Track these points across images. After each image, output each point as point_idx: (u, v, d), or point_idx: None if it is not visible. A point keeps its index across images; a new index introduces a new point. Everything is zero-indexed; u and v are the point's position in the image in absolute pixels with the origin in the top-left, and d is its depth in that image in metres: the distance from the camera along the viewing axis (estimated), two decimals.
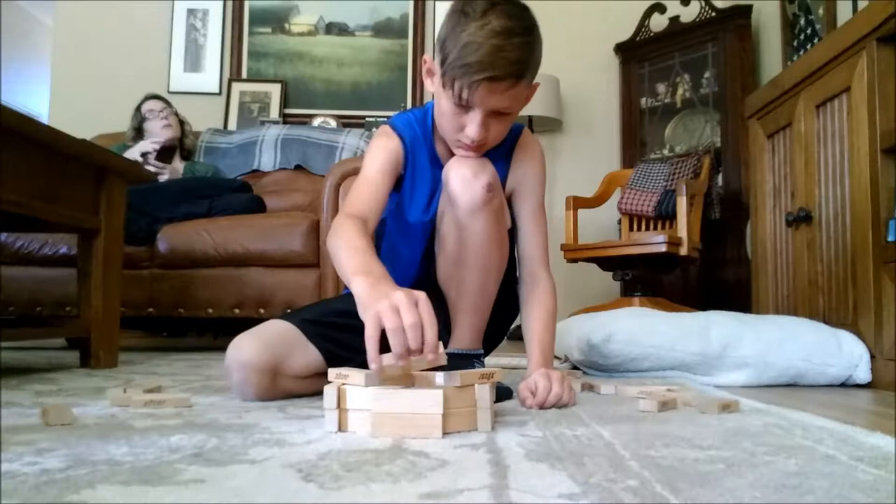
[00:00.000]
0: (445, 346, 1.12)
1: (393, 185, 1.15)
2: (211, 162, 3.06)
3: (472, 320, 1.10)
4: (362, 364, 0.88)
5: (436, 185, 1.16)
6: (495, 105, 1.00)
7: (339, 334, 1.14)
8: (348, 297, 1.28)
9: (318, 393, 1.13)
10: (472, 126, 1.01)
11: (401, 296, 0.78)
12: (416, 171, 1.18)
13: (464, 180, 1.02)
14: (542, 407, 1.00)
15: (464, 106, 1.00)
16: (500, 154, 1.16)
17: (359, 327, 1.16)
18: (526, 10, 1.00)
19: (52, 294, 2.36)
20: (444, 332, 1.14)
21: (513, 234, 1.20)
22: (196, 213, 2.50)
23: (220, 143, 3.13)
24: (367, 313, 0.80)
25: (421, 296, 0.80)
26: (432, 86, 1.06)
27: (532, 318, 1.15)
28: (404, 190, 1.19)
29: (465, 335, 1.11)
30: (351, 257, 0.93)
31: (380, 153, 1.14)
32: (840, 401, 1.28)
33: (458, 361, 1.07)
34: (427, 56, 1.07)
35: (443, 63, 1.00)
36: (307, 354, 1.11)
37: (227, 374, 1.08)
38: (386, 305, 0.78)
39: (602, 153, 3.63)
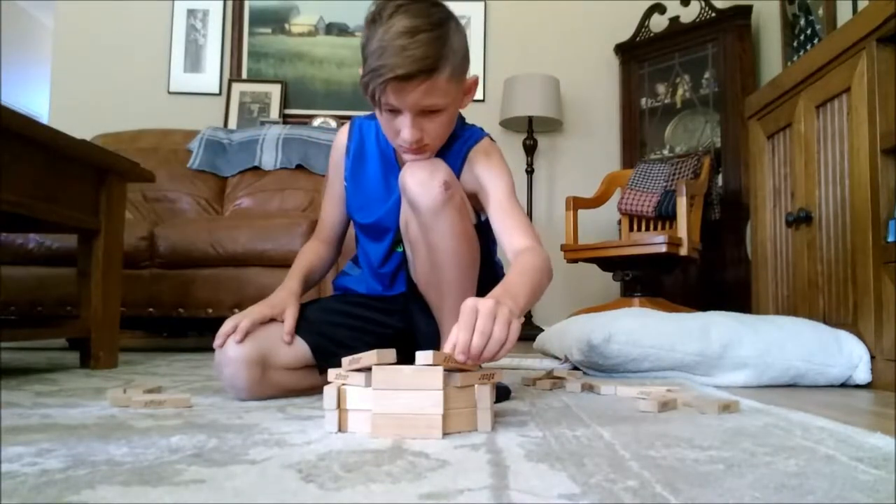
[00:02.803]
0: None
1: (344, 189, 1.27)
2: (211, 157, 3.05)
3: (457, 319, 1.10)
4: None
5: (387, 190, 1.19)
6: (416, 103, 0.99)
7: (326, 329, 1.17)
8: (338, 296, 1.30)
9: (312, 388, 1.14)
10: (405, 129, 1.02)
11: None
12: (357, 172, 1.23)
13: (420, 182, 1.02)
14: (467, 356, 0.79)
15: (391, 111, 1.01)
16: (456, 155, 1.14)
17: (348, 324, 1.19)
18: (435, 5, 1.01)
19: (52, 294, 2.36)
20: (434, 338, 1.14)
21: (486, 231, 1.17)
22: None
23: (221, 138, 3.13)
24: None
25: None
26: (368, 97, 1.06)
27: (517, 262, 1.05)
28: (347, 190, 1.25)
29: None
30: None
31: (332, 167, 1.29)
32: (840, 401, 1.28)
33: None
34: (361, 69, 1.05)
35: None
36: (294, 346, 1.13)
37: (217, 372, 1.09)
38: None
39: (602, 153, 3.63)
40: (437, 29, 0.97)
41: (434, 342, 1.14)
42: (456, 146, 1.15)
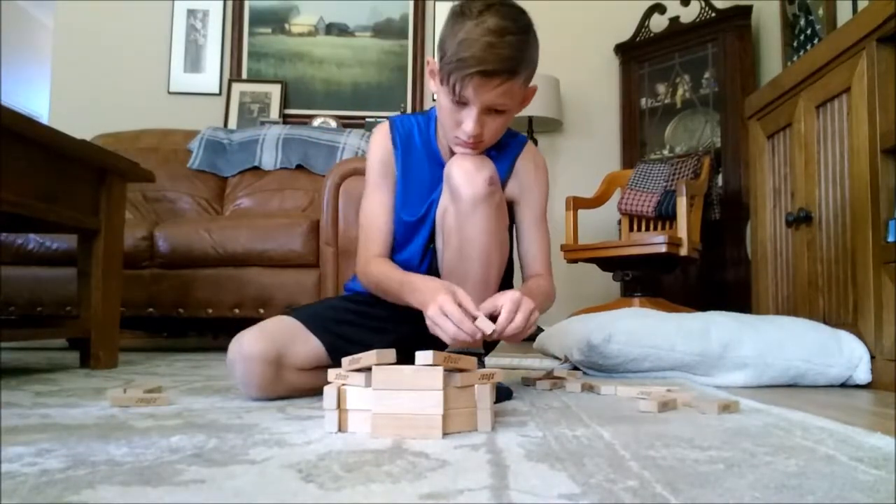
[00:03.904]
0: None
1: (395, 190, 1.22)
2: (211, 157, 3.05)
3: None
4: None
5: (433, 184, 1.18)
6: (489, 100, 1.03)
7: (340, 327, 1.17)
8: (349, 297, 1.30)
9: (320, 391, 1.14)
10: (469, 121, 1.04)
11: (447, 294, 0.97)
12: (407, 168, 1.21)
13: (466, 174, 1.05)
14: (499, 338, 0.98)
15: (460, 102, 1.04)
16: (503, 161, 1.19)
17: (359, 322, 1.20)
18: (522, 12, 1.05)
19: (52, 294, 2.36)
20: None
21: (511, 238, 1.22)
22: None
23: (220, 138, 3.13)
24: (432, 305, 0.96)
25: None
26: (435, 86, 1.10)
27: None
28: (398, 185, 1.22)
29: None
30: (400, 285, 1.08)
31: (376, 170, 1.22)
32: (840, 401, 1.28)
33: None
34: (430, 58, 1.11)
35: (441, 61, 1.04)
36: (309, 345, 1.12)
37: (230, 370, 1.08)
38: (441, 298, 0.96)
39: (602, 153, 3.63)
40: (523, 34, 1.02)
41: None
42: (503, 153, 1.20)
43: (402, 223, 1.22)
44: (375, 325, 1.22)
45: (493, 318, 0.96)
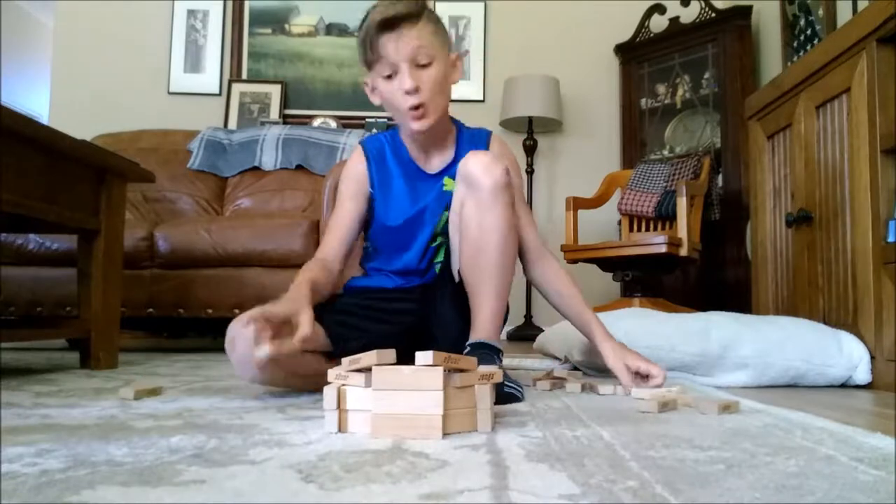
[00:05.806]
0: (465, 340, 1.14)
1: (365, 207, 1.31)
2: (211, 157, 3.05)
3: (493, 307, 1.12)
4: (365, 345, 0.90)
5: (415, 191, 1.28)
6: (409, 51, 1.13)
7: (342, 316, 1.20)
8: (350, 293, 1.31)
9: (316, 374, 1.13)
10: (404, 78, 1.14)
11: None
12: (384, 181, 1.30)
13: (484, 166, 1.11)
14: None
15: (389, 76, 1.15)
16: (478, 146, 1.28)
17: (359, 313, 1.23)
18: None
19: (52, 294, 2.36)
20: (465, 327, 1.16)
21: None
22: None
23: (220, 138, 3.13)
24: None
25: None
26: (375, 98, 1.22)
27: (563, 292, 1.29)
28: (376, 202, 1.30)
29: (487, 325, 1.12)
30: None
31: (348, 184, 1.31)
32: (840, 401, 1.28)
33: (482, 352, 1.08)
34: (366, 79, 1.22)
35: (363, 56, 1.18)
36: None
37: (229, 349, 1.05)
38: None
39: (602, 154, 3.63)
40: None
41: (452, 327, 1.18)
42: (467, 135, 1.31)
43: (389, 229, 1.29)
44: (377, 317, 1.26)
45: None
